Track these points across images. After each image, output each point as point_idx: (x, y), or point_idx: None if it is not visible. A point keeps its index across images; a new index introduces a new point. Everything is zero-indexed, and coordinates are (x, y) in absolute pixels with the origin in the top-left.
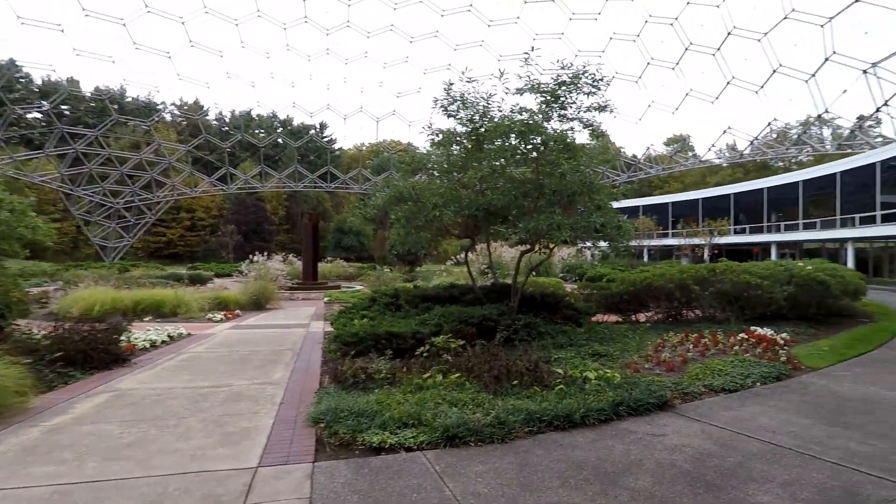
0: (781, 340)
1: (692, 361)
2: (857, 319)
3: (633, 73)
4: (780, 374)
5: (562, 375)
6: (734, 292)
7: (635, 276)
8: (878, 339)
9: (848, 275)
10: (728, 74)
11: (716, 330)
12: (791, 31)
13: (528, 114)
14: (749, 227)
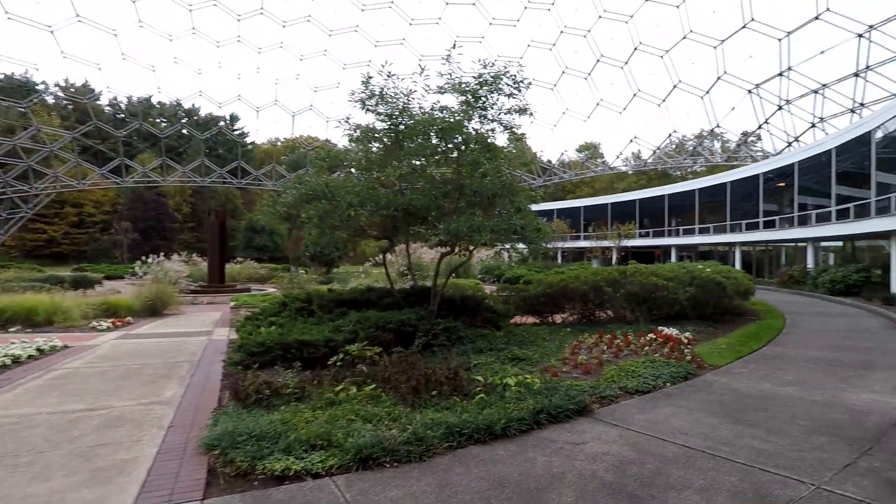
0: (685, 339)
1: (607, 363)
2: (747, 317)
3: (549, 81)
4: (687, 373)
5: (482, 383)
6: (643, 294)
7: (552, 279)
8: (765, 336)
9: (740, 276)
10: (635, 87)
11: (627, 330)
12: (689, 50)
13: (448, 113)
14: (652, 231)
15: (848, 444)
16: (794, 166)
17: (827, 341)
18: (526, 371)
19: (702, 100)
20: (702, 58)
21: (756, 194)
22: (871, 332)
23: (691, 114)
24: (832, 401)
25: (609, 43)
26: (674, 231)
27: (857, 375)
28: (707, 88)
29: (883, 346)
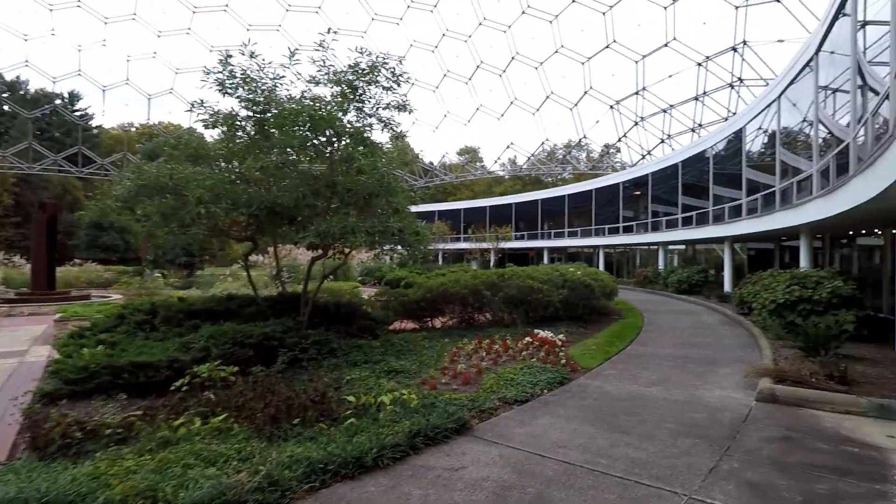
0: (560, 342)
1: (486, 371)
2: (612, 316)
3: (431, 83)
4: (563, 378)
5: (354, 404)
6: (520, 296)
7: (432, 283)
8: (628, 335)
9: (605, 278)
10: (512, 95)
11: (505, 334)
12: (561, 64)
13: (321, 103)
14: (527, 234)
15: (710, 446)
16: (648, 177)
17: (679, 338)
18: (403, 385)
19: (571, 111)
20: (571, 72)
21: (617, 201)
22: (711, 328)
23: (561, 124)
24: (691, 399)
25: (489, 50)
26: (546, 234)
27: (707, 371)
28: (576, 101)
29: (722, 341)
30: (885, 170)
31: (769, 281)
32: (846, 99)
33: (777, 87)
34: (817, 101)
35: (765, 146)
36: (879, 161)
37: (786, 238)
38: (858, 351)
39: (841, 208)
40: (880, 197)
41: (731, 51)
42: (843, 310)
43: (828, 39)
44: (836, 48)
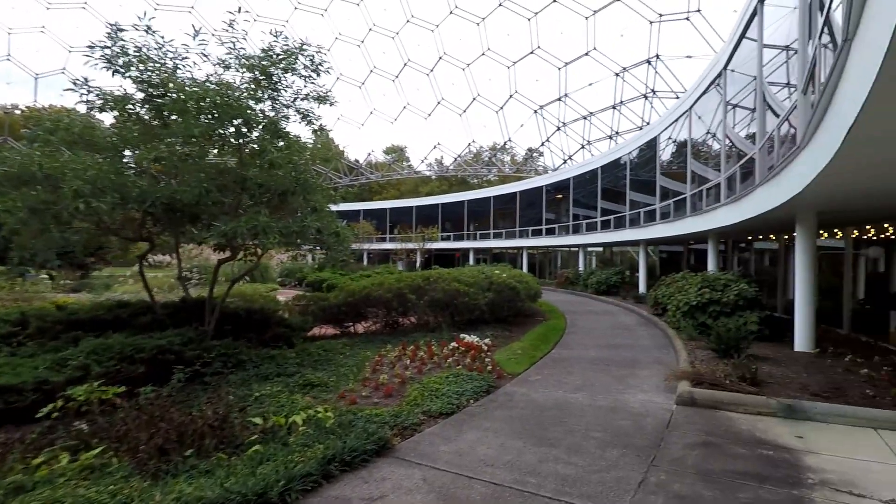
0: (486, 347)
1: (410, 381)
2: (536, 318)
3: (357, 78)
4: (489, 386)
5: (261, 427)
6: (446, 300)
7: (354, 286)
8: (552, 337)
9: (530, 281)
10: (439, 95)
11: (430, 340)
12: (488, 67)
13: (229, 88)
14: (453, 235)
15: (637, 456)
16: (569, 181)
17: (600, 339)
18: (320, 400)
19: (497, 114)
20: (498, 75)
21: (540, 204)
22: (630, 329)
23: (488, 126)
24: (616, 405)
25: (416, 48)
26: (472, 235)
27: (629, 375)
28: (501, 104)
29: (640, 342)
30: (788, 182)
31: (682, 283)
32: (745, 114)
33: (688, 100)
34: (725, 117)
35: (674, 156)
36: (784, 173)
37: (693, 241)
38: (762, 350)
39: (747, 215)
40: (785, 205)
41: (645, 63)
42: (747, 311)
43: (733, 60)
44: (738, 67)
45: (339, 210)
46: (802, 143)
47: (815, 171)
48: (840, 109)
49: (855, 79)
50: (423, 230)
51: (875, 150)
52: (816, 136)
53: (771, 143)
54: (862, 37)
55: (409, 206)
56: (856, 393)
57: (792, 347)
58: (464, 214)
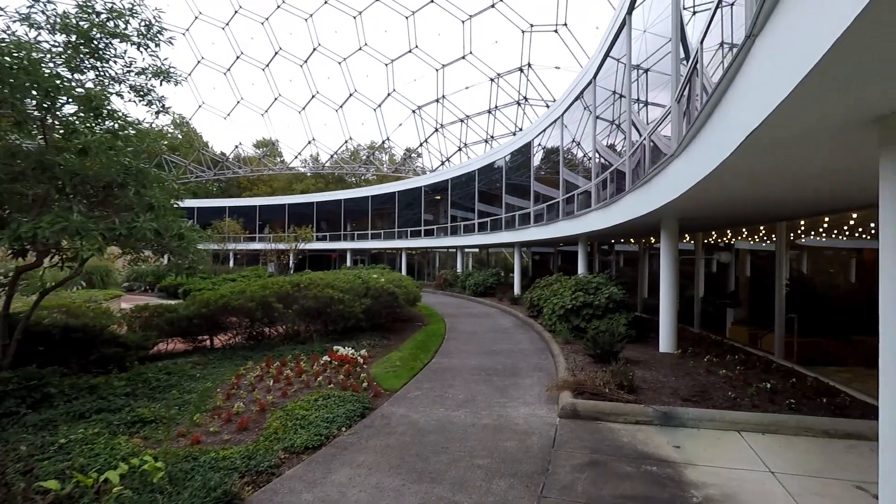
0: (361, 359)
1: (272, 408)
2: (416, 323)
3: (221, 64)
4: (364, 408)
5: (54, 496)
6: (318, 308)
7: (209, 296)
8: (432, 344)
9: (409, 285)
10: (314, 88)
11: (300, 353)
12: (365, 62)
13: (21, 48)
14: (329, 235)
15: (526, 487)
16: (448, 182)
17: (481, 345)
18: (152, 442)
19: (375, 112)
20: (375, 72)
21: (419, 205)
22: (508, 333)
23: (366, 124)
24: (500, 423)
25: (289, 37)
26: (350, 235)
27: (511, 385)
28: (379, 102)
29: (520, 346)
30: (658, 191)
31: (557, 287)
32: (616, 123)
33: (558, 108)
34: (594, 127)
35: (547, 162)
36: (656, 181)
37: (562, 244)
38: (632, 352)
39: (618, 220)
40: (655, 212)
41: (518, 71)
42: (617, 313)
43: (600, 72)
44: (605, 81)
45: (201, 206)
46: (677, 151)
47: (692, 180)
48: (728, 116)
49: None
50: (296, 230)
51: (758, 159)
52: (693, 146)
53: (642, 153)
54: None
55: (281, 203)
56: (719, 395)
57: (657, 348)
58: (341, 214)
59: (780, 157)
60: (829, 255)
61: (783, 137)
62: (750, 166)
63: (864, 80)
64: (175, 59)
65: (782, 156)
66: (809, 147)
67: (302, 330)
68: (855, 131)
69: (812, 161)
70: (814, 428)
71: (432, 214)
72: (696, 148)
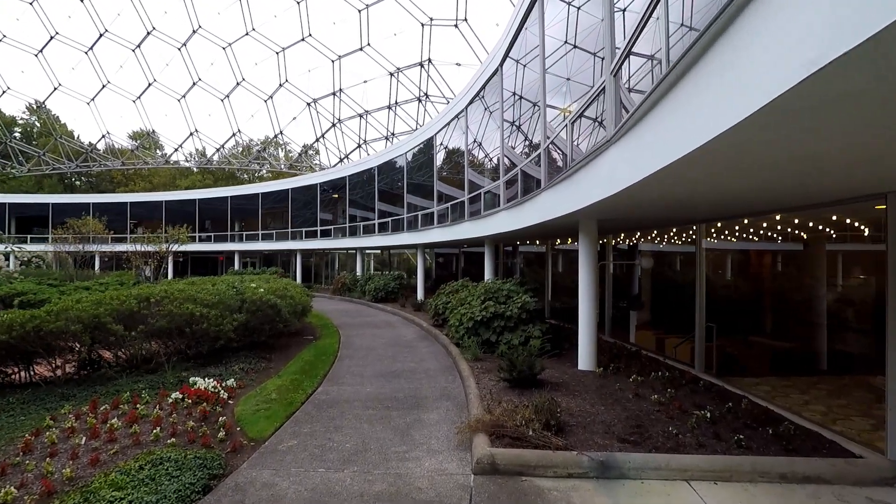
0: (226, 392)
1: (69, 486)
2: (305, 338)
3: (82, 42)
4: (212, 474)
5: None
6: (174, 327)
7: (11, 318)
8: (321, 365)
9: (296, 294)
10: (196, 75)
11: (144, 388)
12: (253, 49)
13: None
14: (214, 236)
15: None
16: (346, 180)
17: (379, 364)
18: None
19: (266, 104)
20: (266, 61)
21: (315, 203)
22: (411, 347)
23: (256, 117)
24: (398, 490)
25: (163, 17)
26: (238, 236)
27: (413, 422)
28: (270, 93)
29: (424, 364)
30: (584, 187)
31: (464, 295)
32: (528, 117)
33: (463, 100)
34: (502, 125)
35: (451, 162)
36: (581, 175)
37: (467, 245)
38: (549, 371)
39: (529, 222)
40: (575, 213)
41: (418, 66)
42: (530, 325)
43: (505, 63)
44: (512, 73)
45: (57, 203)
46: (615, 137)
47: (639, 173)
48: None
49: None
50: (175, 230)
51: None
52: (644, 127)
53: (556, 148)
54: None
55: (157, 200)
56: (658, 430)
57: (575, 364)
58: (227, 213)
59: (798, 128)
60: (718, 257)
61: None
62: (743, 149)
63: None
64: (19, 30)
65: (806, 124)
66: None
67: (162, 351)
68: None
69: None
70: (770, 472)
71: (330, 214)
72: (649, 130)
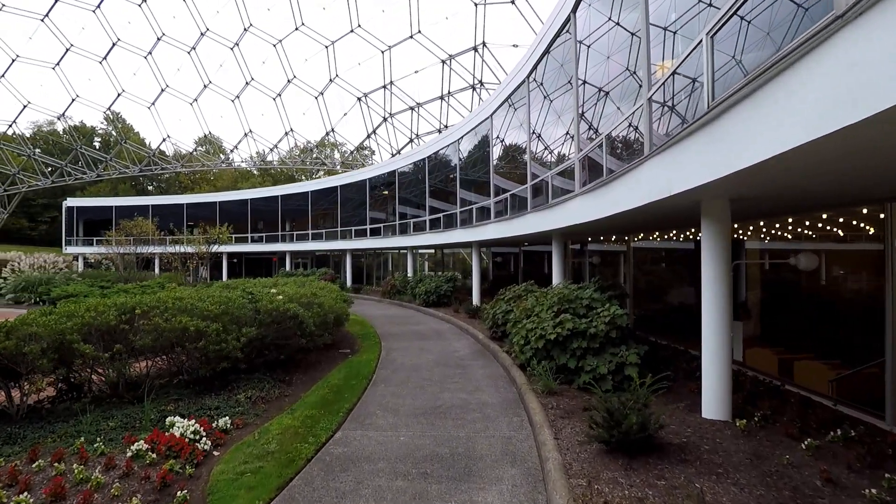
0: (209, 442)
1: None
2: (339, 350)
3: (141, 47)
4: None
5: None
6: (161, 347)
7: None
8: (349, 394)
9: (328, 301)
10: (248, 75)
11: (105, 433)
12: (303, 44)
13: None
14: (266, 236)
15: None
16: (395, 174)
17: (422, 395)
18: None
19: (316, 100)
20: (315, 56)
21: (364, 200)
22: (463, 368)
23: (308, 113)
24: None
25: (216, 17)
26: (289, 236)
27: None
28: (321, 89)
29: (479, 397)
30: (731, 144)
31: (531, 303)
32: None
33: (525, 68)
34: (577, 79)
35: (502, 154)
36: (725, 120)
37: (527, 243)
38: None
39: (629, 205)
40: (705, 189)
41: (472, 51)
42: (623, 346)
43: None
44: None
45: (119, 205)
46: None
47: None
48: None
49: None
50: (207, 229)
51: None
52: None
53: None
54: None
55: (211, 201)
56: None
57: (695, 407)
58: (278, 212)
59: None
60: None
61: None
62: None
63: None
64: (86, 40)
65: None
66: None
67: (148, 374)
68: None
69: None
70: None
71: (380, 212)
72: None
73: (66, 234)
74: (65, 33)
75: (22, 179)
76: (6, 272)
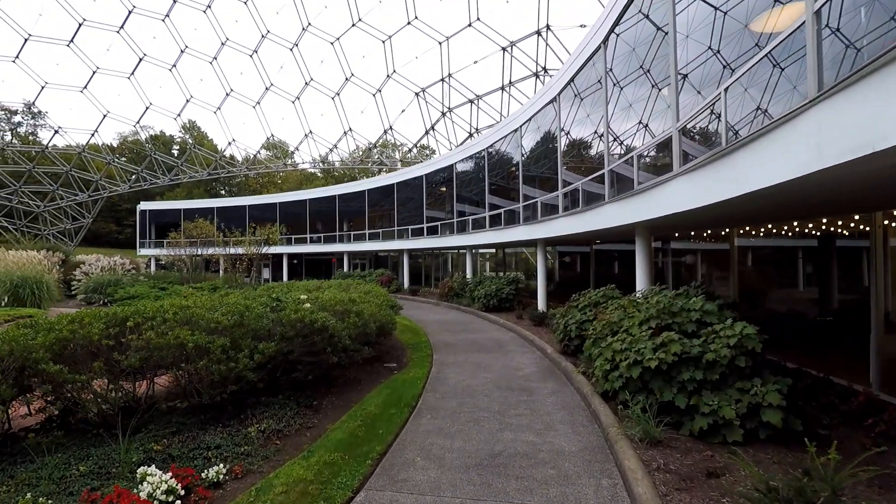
0: (196, 497)
1: None
2: (385, 364)
3: (206, 52)
4: None
5: None
6: (152, 366)
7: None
8: (387, 429)
9: (369, 310)
10: (307, 75)
11: (67, 481)
12: (360, 41)
13: None
14: (324, 237)
15: None
16: (453, 168)
17: (475, 434)
18: None
19: (374, 97)
20: (373, 51)
21: (420, 197)
22: (529, 393)
23: (366, 111)
24: None
25: (275, 17)
26: (347, 237)
27: None
28: (379, 86)
29: (552, 443)
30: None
31: (617, 316)
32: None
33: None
34: (674, 19)
35: (569, 145)
36: None
37: (599, 241)
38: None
39: (754, 186)
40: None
41: (535, 35)
42: (755, 377)
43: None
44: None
45: (187, 208)
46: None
47: None
48: None
49: None
50: (259, 228)
51: None
52: None
53: None
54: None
55: (271, 202)
56: None
57: (892, 482)
58: (335, 212)
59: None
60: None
61: None
62: None
63: None
64: (156, 48)
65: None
66: None
67: (143, 396)
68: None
69: None
70: None
71: (438, 210)
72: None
73: (139, 236)
74: (139, 44)
75: (104, 185)
76: (80, 274)
